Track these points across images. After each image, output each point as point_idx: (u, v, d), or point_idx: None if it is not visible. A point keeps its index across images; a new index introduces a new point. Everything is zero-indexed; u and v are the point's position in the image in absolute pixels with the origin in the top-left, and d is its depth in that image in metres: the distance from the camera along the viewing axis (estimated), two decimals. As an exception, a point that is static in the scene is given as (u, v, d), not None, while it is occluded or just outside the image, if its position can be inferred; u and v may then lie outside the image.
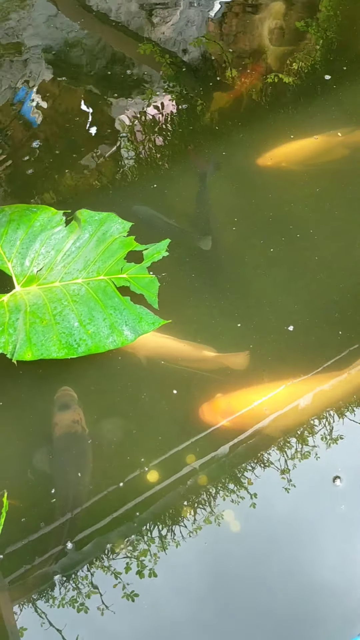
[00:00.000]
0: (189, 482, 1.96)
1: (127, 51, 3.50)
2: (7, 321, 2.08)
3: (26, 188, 2.71)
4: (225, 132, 2.92)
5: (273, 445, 2.05)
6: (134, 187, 2.74)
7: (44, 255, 2.29)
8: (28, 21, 3.63)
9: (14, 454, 2.00)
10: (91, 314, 2.10)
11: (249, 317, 2.26)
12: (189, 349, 2.10)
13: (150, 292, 2.17)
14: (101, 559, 1.85)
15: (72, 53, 3.45)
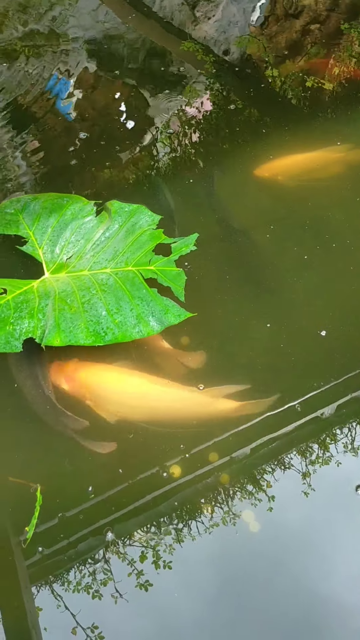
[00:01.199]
0: (210, 479, 1.95)
1: (169, 46, 3.50)
2: (37, 306, 2.10)
3: (59, 178, 2.73)
4: (270, 132, 2.89)
5: (294, 449, 2.03)
6: (168, 182, 2.74)
7: (73, 244, 2.31)
8: (71, 12, 3.65)
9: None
10: (119, 303, 2.11)
11: (279, 319, 2.24)
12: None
13: (177, 285, 2.17)
14: (117, 546, 1.85)
15: (113, 46, 3.47)
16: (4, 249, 2.39)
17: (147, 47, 3.49)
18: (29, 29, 3.55)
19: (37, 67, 3.28)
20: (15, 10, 3.68)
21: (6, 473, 1.94)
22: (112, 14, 3.66)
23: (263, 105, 3.09)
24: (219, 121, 3.02)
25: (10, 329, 2.04)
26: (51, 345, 2.02)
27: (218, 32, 3.55)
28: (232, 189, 2.67)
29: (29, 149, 2.86)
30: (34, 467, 1.95)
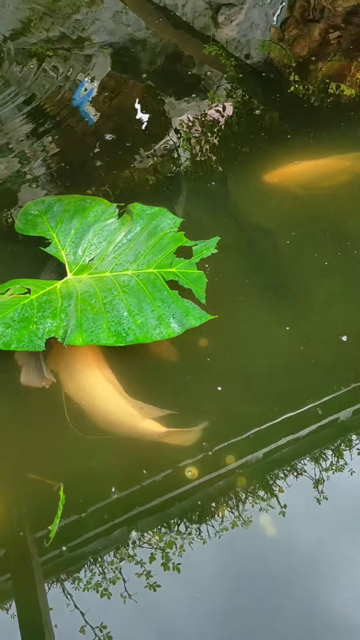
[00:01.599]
0: (226, 482, 1.95)
1: (191, 50, 3.52)
2: (60, 306, 2.13)
3: (82, 180, 2.76)
4: (294, 137, 2.90)
5: (308, 455, 2.03)
6: (190, 185, 2.75)
7: (96, 246, 2.33)
8: (96, 15, 3.69)
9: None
10: (140, 305, 2.13)
11: (298, 323, 2.25)
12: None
13: (198, 287, 2.19)
14: (127, 546, 1.87)
15: (136, 50, 3.49)
16: (28, 250, 2.42)
17: (170, 51, 3.51)
18: (54, 32, 3.59)
19: (61, 69, 3.32)
20: (42, 13, 3.73)
21: (26, 469, 1.96)
22: (135, 18, 3.69)
23: (285, 110, 3.10)
24: (240, 125, 3.03)
25: (34, 328, 2.06)
26: (73, 344, 2.05)
27: (240, 35, 3.56)
28: (253, 194, 2.68)
29: (52, 151, 2.90)
30: (52, 464, 1.97)
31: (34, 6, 3.77)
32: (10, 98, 3.12)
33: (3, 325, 2.06)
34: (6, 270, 2.36)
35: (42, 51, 3.44)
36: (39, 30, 3.60)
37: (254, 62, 3.40)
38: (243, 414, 2.07)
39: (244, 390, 2.11)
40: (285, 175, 2.70)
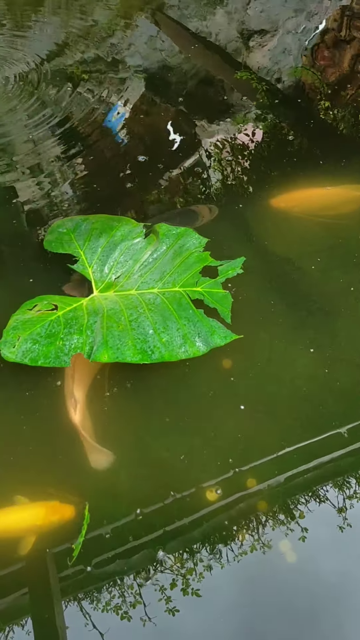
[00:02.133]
0: (246, 505, 1.92)
1: (223, 75, 3.57)
2: (86, 323, 2.14)
3: (111, 201, 2.79)
4: (325, 163, 2.90)
5: (331, 481, 1.99)
6: (218, 207, 2.77)
7: (122, 264, 2.36)
8: (130, 40, 3.77)
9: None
10: (165, 323, 2.13)
11: (324, 346, 2.23)
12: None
13: (223, 306, 2.19)
14: (148, 570, 1.84)
15: (169, 74, 3.55)
16: (55, 267, 2.45)
17: (202, 76, 3.56)
18: (90, 54, 3.68)
19: (95, 92, 3.38)
20: (78, 36, 3.82)
21: (48, 484, 1.96)
22: (169, 42, 3.76)
23: (315, 136, 3.10)
24: (269, 150, 3.05)
25: (60, 344, 2.08)
26: (99, 360, 2.06)
27: (272, 61, 3.60)
28: (280, 218, 2.68)
29: (83, 172, 2.94)
30: (76, 482, 1.97)
31: (71, 29, 3.87)
32: (45, 119, 3.19)
33: (31, 340, 2.08)
34: (35, 286, 2.40)
35: (77, 73, 3.52)
36: (74, 53, 3.69)
37: (284, 88, 3.43)
38: (266, 436, 2.04)
39: (267, 412, 2.08)
40: (293, 201, 2.69)
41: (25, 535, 1.83)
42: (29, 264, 2.52)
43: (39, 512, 1.85)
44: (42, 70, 3.52)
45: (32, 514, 1.86)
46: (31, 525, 1.84)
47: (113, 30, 3.85)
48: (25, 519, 1.86)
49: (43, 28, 3.93)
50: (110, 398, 2.11)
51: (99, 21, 3.97)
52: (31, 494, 1.91)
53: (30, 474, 1.97)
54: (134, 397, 2.11)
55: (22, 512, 1.87)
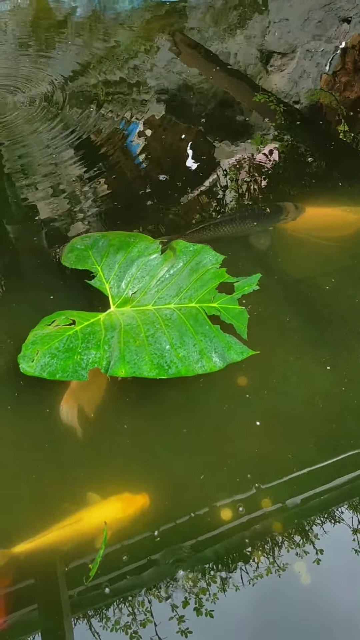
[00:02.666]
0: (261, 526, 1.90)
1: (241, 97, 3.61)
2: (103, 338, 2.16)
3: (131, 219, 2.82)
4: (343, 185, 2.91)
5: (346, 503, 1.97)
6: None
7: (139, 280, 2.38)
8: (152, 62, 3.84)
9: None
10: (182, 338, 2.14)
11: (340, 363, 2.22)
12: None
13: (239, 322, 2.19)
14: (159, 588, 1.82)
15: (188, 95, 3.60)
16: (74, 283, 2.48)
17: (221, 97, 3.60)
18: (112, 76, 3.75)
19: (117, 113, 3.44)
20: (100, 58, 3.90)
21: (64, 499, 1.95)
22: (188, 65, 3.81)
23: (333, 158, 3.12)
24: (287, 171, 3.07)
25: (78, 359, 2.09)
26: (116, 375, 2.07)
27: (290, 83, 3.64)
28: (296, 237, 2.69)
29: (104, 192, 2.98)
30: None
31: (94, 51, 3.95)
32: (67, 140, 3.25)
33: (49, 355, 2.10)
34: (54, 301, 2.43)
35: (99, 94, 3.58)
36: (97, 74, 3.76)
37: (303, 109, 3.46)
38: (281, 455, 2.02)
39: (283, 431, 2.07)
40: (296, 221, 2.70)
41: (108, 528, 1.87)
42: (49, 280, 2.55)
43: (116, 506, 1.91)
44: (65, 91, 3.59)
45: (112, 508, 1.91)
46: (112, 519, 1.89)
47: (135, 52, 3.92)
48: (107, 514, 1.90)
49: (67, 49, 4.02)
50: (127, 415, 2.12)
51: (121, 43, 4.05)
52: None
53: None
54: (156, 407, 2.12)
55: (103, 508, 1.91)
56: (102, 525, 1.86)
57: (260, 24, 4.17)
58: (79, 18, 4.30)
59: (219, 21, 4.22)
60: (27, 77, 3.72)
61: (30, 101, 3.51)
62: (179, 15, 4.28)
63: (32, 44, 4.10)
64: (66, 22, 4.29)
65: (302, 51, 3.86)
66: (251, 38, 4.06)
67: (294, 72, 3.72)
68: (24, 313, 2.41)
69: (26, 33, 4.22)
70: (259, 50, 3.93)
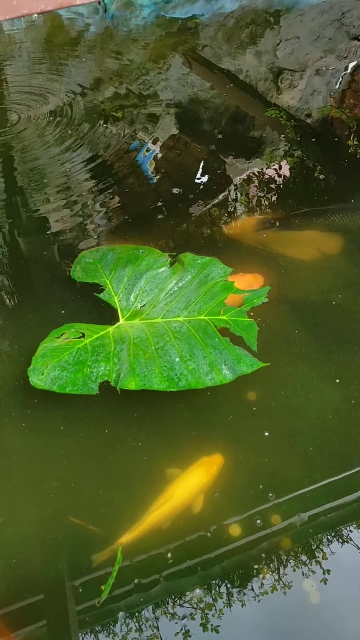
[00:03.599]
0: (270, 543, 1.88)
1: (252, 112, 3.63)
2: (113, 351, 2.16)
3: (141, 232, 2.83)
4: (356, 200, 2.91)
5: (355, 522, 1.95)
6: (244, 238, 2.79)
7: (147, 293, 2.38)
8: (163, 78, 3.88)
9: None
10: (192, 351, 2.14)
11: (349, 377, 2.21)
12: None
13: (249, 335, 2.19)
14: (166, 604, 1.81)
15: (199, 111, 3.63)
16: (82, 296, 2.49)
17: (232, 112, 3.63)
18: (123, 91, 3.78)
19: (128, 128, 3.47)
20: (112, 74, 3.94)
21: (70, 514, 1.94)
22: (200, 81, 3.85)
23: (345, 174, 3.12)
24: (298, 186, 3.08)
25: (88, 372, 2.10)
26: (126, 388, 2.07)
27: (301, 101, 3.66)
28: (305, 252, 2.69)
29: (114, 205, 3.00)
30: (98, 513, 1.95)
31: (107, 67, 4.00)
32: (79, 154, 3.28)
33: (59, 368, 2.10)
34: (64, 314, 2.44)
35: (111, 110, 3.62)
36: (109, 90, 3.80)
37: (314, 125, 3.47)
38: (288, 471, 2.01)
39: (290, 446, 2.06)
40: (243, 228, 2.72)
41: (197, 496, 1.95)
42: (58, 293, 2.56)
43: (201, 472, 1.98)
44: (78, 106, 3.63)
45: (197, 474, 1.98)
46: (200, 485, 1.96)
47: (147, 69, 3.97)
48: (195, 482, 1.97)
49: (80, 66, 4.07)
50: (136, 428, 2.11)
51: (134, 60, 4.09)
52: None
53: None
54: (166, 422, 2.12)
55: (188, 477, 1.99)
56: (195, 493, 1.94)
57: (271, 41, 4.20)
58: (92, 35, 4.36)
59: (231, 38, 4.26)
60: (41, 93, 3.77)
61: (43, 116, 3.55)
62: (191, 32, 4.33)
63: (45, 61, 4.16)
64: (79, 39, 4.35)
65: (313, 68, 3.89)
66: (262, 54, 4.09)
67: (305, 89, 3.74)
68: (34, 326, 2.42)
69: (40, 49, 4.28)
70: (269, 67, 3.96)
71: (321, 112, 3.55)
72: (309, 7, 4.39)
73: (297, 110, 3.58)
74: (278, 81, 3.84)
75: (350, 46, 4.07)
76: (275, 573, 1.84)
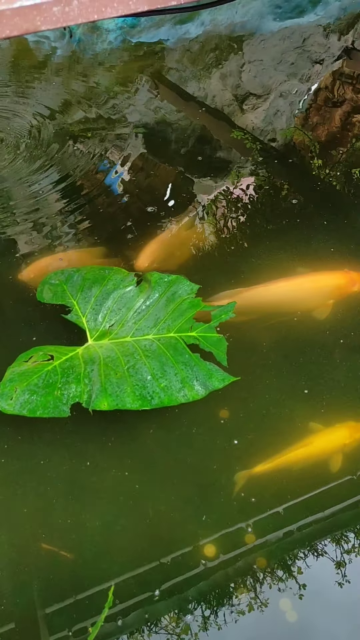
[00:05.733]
0: (243, 563, 1.87)
1: (218, 134, 3.69)
2: (83, 372, 2.14)
3: (107, 252, 2.83)
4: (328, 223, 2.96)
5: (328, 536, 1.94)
6: (210, 260, 2.81)
7: (115, 312, 2.38)
8: (130, 101, 3.92)
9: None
10: (163, 368, 2.14)
11: (319, 394, 2.22)
12: None
13: (219, 350, 2.21)
14: (142, 631, 1.77)
15: (166, 132, 3.67)
16: (49, 318, 2.47)
17: (199, 134, 3.68)
18: (91, 114, 3.81)
19: (96, 149, 3.49)
20: (80, 97, 3.97)
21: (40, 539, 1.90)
22: (167, 103, 3.91)
23: (307, 192, 3.18)
24: (265, 206, 3.12)
25: (59, 394, 2.07)
26: (99, 409, 2.05)
27: (265, 122, 3.73)
28: (272, 269, 2.71)
29: (84, 226, 3.00)
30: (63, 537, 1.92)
31: (74, 90, 4.03)
32: (47, 175, 3.28)
33: (28, 392, 2.08)
34: (31, 337, 2.41)
35: (78, 132, 3.64)
36: (76, 113, 3.82)
37: (278, 147, 3.54)
38: (262, 486, 2.00)
39: (263, 464, 2.05)
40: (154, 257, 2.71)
41: (335, 454, 2.04)
42: (25, 315, 2.53)
43: (343, 433, 2.07)
44: (46, 128, 3.64)
45: (339, 434, 2.08)
46: (340, 445, 2.05)
47: (114, 92, 4.01)
48: (334, 440, 2.08)
49: (46, 89, 4.09)
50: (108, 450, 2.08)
51: (100, 83, 4.13)
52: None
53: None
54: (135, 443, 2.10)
55: (331, 434, 2.09)
56: (334, 450, 2.04)
57: (235, 64, 4.29)
58: (59, 58, 4.39)
59: (196, 62, 4.34)
60: (7, 116, 3.77)
61: (9, 138, 3.55)
62: (157, 56, 4.39)
63: (11, 84, 4.17)
64: (46, 63, 4.37)
65: (276, 91, 3.97)
66: (227, 77, 4.17)
67: (269, 111, 3.82)
68: (0, 350, 2.38)
69: (6, 73, 4.29)
70: (234, 90, 4.04)
71: (284, 133, 3.63)
72: (270, 34, 4.50)
73: (261, 132, 3.65)
74: (242, 104, 3.92)
75: (312, 69, 4.18)
76: (252, 591, 1.82)
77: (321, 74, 4.12)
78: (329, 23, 4.54)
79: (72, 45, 4.46)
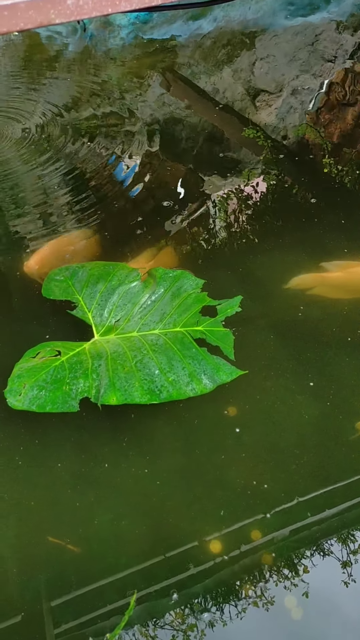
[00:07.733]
0: (249, 559, 1.86)
1: (229, 132, 3.68)
2: (91, 367, 2.15)
3: (116, 248, 2.83)
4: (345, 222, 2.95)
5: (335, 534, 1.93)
6: (221, 256, 2.80)
7: (121, 307, 2.38)
8: (141, 96, 3.92)
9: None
10: (170, 362, 2.15)
11: (325, 393, 2.21)
12: None
13: (225, 344, 2.22)
14: (147, 626, 1.77)
15: (177, 129, 3.66)
16: (55, 314, 2.47)
17: (209, 132, 3.67)
18: (102, 110, 3.81)
19: (106, 145, 3.49)
20: (91, 93, 3.97)
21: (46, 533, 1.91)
22: (178, 99, 3.90)
23: (319, 190, 3.16)
24: (274, 204, 3.10)
25: (67, 389, 2.08)
26: (108, 403, 2.05)
27: (277, 119, 3.71)
28: (281, 268, 2.70)
29: (93, 222, 3.00)
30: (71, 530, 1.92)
31: (85, 85, 4.03)
32: (58, 171, 3.28)
33: (37, 387, 2.08)
34: (39, 333, 2.41)
35: (89, 128, 3.64)
36: (88, 108, 3.83)
37: (290, 144, 3.52)
38: (269, 486, 2.00)
39: (270, 460, 2.05)
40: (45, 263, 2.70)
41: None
42: (32, 311, 2.54)
43: None
44: (56, 123, 3.65)
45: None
46: None
47: (125, 87, 4.00)
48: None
49: (58, 84, 4.10)
50: (115, 444, 2.09)
51: (112, 78, 4.13)
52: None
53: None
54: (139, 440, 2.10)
55: None
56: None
57: (247, 60, 4.28)
58: (71, 53, 4.40)
59: (208, 58, 4.33)
60: (18, 111, 3.78)
61: (21, 133, 3.56)
62: (169, 52, 4.39)
63: (23, 79, 4.18)
64: (58, 58, 4.38)
65: (288, 87, 3.95)
66: (238, 72, 4.16)
67: (281, 108, 3.80)
68: (8, 346, 2.39)
69: (18, 68, 4.30)
70: (246, 86, 4.03)
71: (296, 131, 3.60)
72: (282, 30, 4.49)
73: (273, 130, 3.63)
74: (255, 100, 3.90)
75: (324, 66, 4.16)
76: (258, 589, 1.81)
77: (333, 71, 4.10)
78: (342, 20, 4.52)
79: (84, 41, 4.47)
